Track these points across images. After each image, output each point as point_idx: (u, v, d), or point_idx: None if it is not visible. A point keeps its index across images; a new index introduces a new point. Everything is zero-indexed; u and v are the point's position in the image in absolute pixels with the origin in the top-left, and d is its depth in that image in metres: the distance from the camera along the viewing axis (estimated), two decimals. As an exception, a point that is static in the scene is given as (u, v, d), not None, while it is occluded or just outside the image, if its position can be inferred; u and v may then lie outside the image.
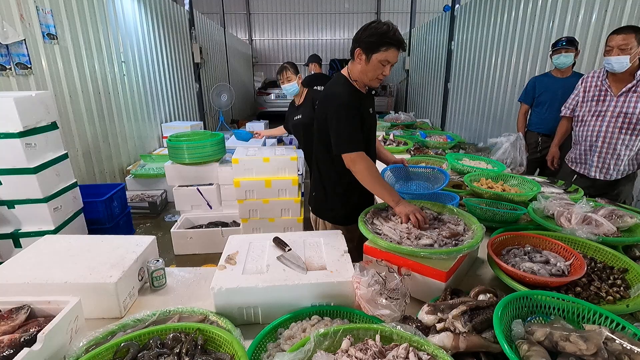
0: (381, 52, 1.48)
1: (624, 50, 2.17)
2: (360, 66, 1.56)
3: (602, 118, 2.36)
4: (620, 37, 2.17)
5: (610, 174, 2.42)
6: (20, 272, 1.23)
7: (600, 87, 2.39)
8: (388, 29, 1.46)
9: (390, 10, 15.00)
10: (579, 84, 2.55)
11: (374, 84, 1.60)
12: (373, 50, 1.49)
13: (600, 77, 2.40)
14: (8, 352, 0.87)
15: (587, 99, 2.46)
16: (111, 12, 4.50)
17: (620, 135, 2.31)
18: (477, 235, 1.31)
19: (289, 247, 1.32)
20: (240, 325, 1.06)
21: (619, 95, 2.29)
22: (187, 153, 3.31)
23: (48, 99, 2.47)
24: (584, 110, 2.48)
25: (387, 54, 1.48)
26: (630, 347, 0.79)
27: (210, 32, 8.74)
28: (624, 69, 2.21)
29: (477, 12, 6.11)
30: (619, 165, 2.38)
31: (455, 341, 0.87)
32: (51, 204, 2.40)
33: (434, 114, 8.30)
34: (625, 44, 2.15)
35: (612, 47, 2.21)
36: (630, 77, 2.26)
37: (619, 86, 2.30)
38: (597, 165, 2.45)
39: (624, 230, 1.50)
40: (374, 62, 1.50)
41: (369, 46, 1.49)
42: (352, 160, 1.55)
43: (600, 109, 2.37)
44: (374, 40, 1.47)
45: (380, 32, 1.46)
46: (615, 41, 2.19)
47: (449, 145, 3.59)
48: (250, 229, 3.29)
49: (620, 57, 2.18)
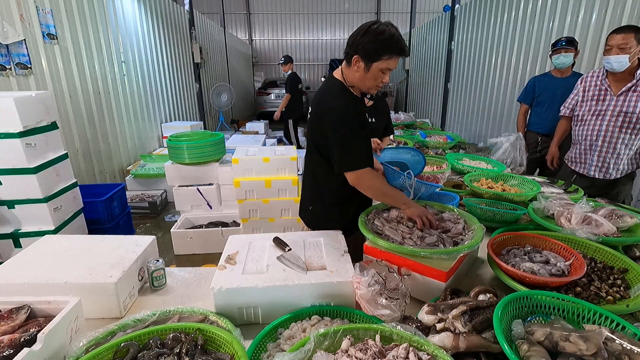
0: (383, 60, 1.34)
1: (623, 49, 2.17)
2: (358, 74, 1.41)
3: (602, 117, 2.36)
4: (620, 37, 2.18)
5: (609, 173, 2.42)
6: (20, 272, 1.23)
7: (600, 87, 2.39)
8: (391, 35, 1.31)
9: (390, 10, 15.01)
10: (579, 83, 2.55)
11: (372, 91, 1.49)
12: (373, 59, 1.34)
13: (599, 76, 2.40)
14: (8, 352, 0.87)
15: (586, 98, 2.46)
16: (111, 12, 4.50)
17: (620, 134, 2.31)
18: (477, 235, 1.31)
19: (289, 247, 1.32)
20: (240, 325, 1.06)
21: (619, 95, 2.29)
22: (187, 153, 3.31)
23: (48, 99, 2.47)
24: (583, 109, 2.48)
25: (389, 62, 1.35)
26: (630, 347, 0.79)
27: (210, 32, 8.74)
28: (624, 68, 2.21)
29: (477, 12, 6.12)
30: (619, 165, 2.39)
31: (455, 341, 0.87)
32: (51, 204, 2.40)
33: (434, 114, 8.30)
34: (625, 43, 2.16)
35: (611, 46, 2.21)
36: (630, 76, 2.26)
37: (618, 85, 2.31)
38: (596, 164, 2.45)
39: (624, 230, 1.50)
40: (374, 71, 1.37)
41: (368, 54, 1.34)
42: (357, 178, 1.45)
43: (600, 108, 2.37)
44: (375, 48, 1.33)
45: (382, 38, 1.31)
46: (614, 40, 2.20)
47: (449, 145, 3.59)
48: (250, 229, 3.29)
49: (620, 57, 2.18)
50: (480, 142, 5.52)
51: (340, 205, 1.66)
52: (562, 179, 2.48)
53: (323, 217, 1.71)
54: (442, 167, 2.61)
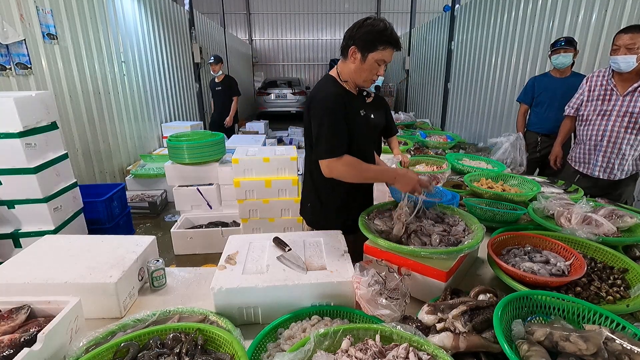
0: (378, 51, 1.39)
1: (631, 49, 2.15)
2: (354, 65, 1.44)
3: (608, 117, 2.35)
4: (628, 37, 2.16)
5: (614, 173, 2.41)
6: (20, 272, 1.23)
7: (605, 87, 2.37)
8: (385, 27, 1.38)
9: (390, 10, 15.03)
10: (584, 83, 2.52)
11: (367, 84, 1.51)
12: (369, 49, 1.39)
13: (605, 76, 2.38)
14: (8, 352, 0.87)
15: (592, 98, 2.44)
16: (111, 12, 4.50)
17: (626, 135, 2.30)
18: (477, 235, 1.31)
19: (289, 247, 1.32)
20: (240, 325, 1.06)
21: (625, 95, 2.27)
22: (187, 153, 3.30)
23: (48, 99, 2.47)
24: (588, 109, 2.45)
25: (384, 53, 1.40)
26: (630, 347, 0.79)
27: (210, 32, 8.74)
28: (631, 68, 2.19)
29: (477, 12, 6.12)
30: (624, 165, 2.37)
31: (455, 341, 0.87)
32: (51, 204, 2.40)
33: (434, 114, 8.30)
34: (633, 43, 2.14)
35: (619, 46, 2.20)
36: (636, 76, 2.25)
37: (625, 85, 2.29)
38: (601, 164, 2.43)
39: (624, 230, 1.50)
40: (370, 62, 1.41)
41: (365, 44, 1.39)
42: (327, 167, 1.43)
43: (606, 109, 2.36)
44: (370, 39, 1.38)
45: (377, 29, 1.37)
46: (622, 40, 2.18)
47: (449, 145, 3.59)
48: (250, 229, 3.29)
49: (628, 57, 2.17)
50: (480, 142, 5.53)
51: (339, 204, 1.65)
52: (564, 179, 2.47)
53: (323, 216, 1.71)
54: (442, 167, 2.62)
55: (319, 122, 1.43)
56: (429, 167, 2.68)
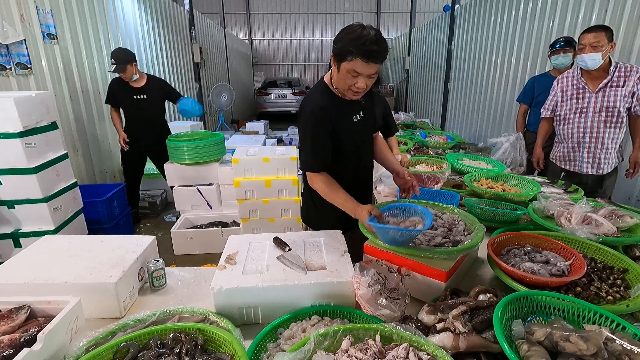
0: (347, 61, 1.29)
1: (595, 47, 2.25)
2: (334, 74, 1.40)
3: (585, 114, 2.44)
4: (592, 35, 2.26)
5: (602, 167, 2.50)
6: (20, 272, 1.23)
7: (577, 86, 2.47)
8: (358, 36, 1.25)
9: (390, 10, 15.03)
10: (555, 84, 2.62)
11: (349, 95, 1.41)
12: (341, 59, 1.31)
13: (575, 75, 2.48)
14: (8, 352, 0.87)
15: (566, 97, 2.53)
16: (111, 12, 4.50)
17: (606, 129, 2.40)
18: (477, 235, 1.31)
19: (289, 247, 1.32)
20: (240, 325, 1.06)
21: (597, 91, 2.37)
22: (187, 153, 3.30)
23: (48, 99, 2.47)
24: (565, 109, 2.55)
25: (353, 64, 1.28)
26: (630, 347, 0.79)
27: (210, 32, 8.73)
28: (597, 65, 2.29)
29: (477, 12, 6.11)
30: (608, 159, 2.47)
31: (455, 341, 0.87)
32: (51, 204, 2.40)
33: (434, 114, 8.30)
34: (597, 41, 2.24)
35: (584, 45, 2.29)
36: (604, 73, 2.34)
37: (595, 83, 2.39)
38: (588, 160, 2.51)
39: (624, 230, 1.50)
40: (343, 72, 1.33)
41: (337, 53, 1.32)
42: (310, 179, 1.53)
43: (582, 106, 2.45)
44: (340, 47, 1.29)
45: (348, 38, 1.26)
46: (587, 39, 2.28)
47: (449, 145, 3.59)
48: (250, 229, 3.29)
49: (593, 54, 2.26)
50: (480, 142, 5.52)
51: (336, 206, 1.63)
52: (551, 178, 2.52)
53: (321, 215, 1.73)
54: (442, 167, 2.61)
55: (303, 135, 1.48)
56: (429, 167, 2.68)
